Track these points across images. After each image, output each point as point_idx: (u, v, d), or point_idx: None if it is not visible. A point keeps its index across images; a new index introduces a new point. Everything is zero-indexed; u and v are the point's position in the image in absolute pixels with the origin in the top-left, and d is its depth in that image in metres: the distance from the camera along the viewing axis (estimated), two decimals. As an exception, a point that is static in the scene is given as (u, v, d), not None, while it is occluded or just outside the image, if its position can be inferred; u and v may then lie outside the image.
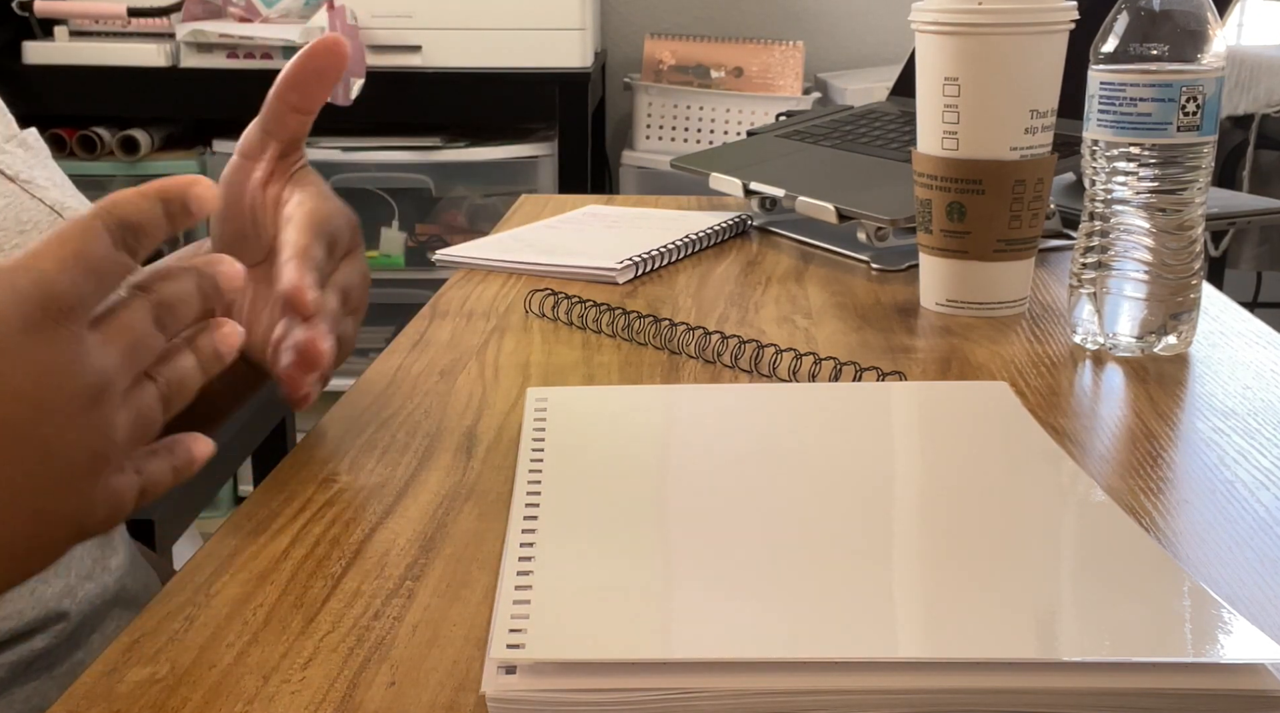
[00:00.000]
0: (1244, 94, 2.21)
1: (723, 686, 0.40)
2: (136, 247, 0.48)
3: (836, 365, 0.72)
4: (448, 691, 0.42)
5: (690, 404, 0.69)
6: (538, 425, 0.63)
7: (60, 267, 0.45)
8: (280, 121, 0.66)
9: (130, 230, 0.48)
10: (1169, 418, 0.67)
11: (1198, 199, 0.76)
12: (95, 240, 0.46)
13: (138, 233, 0.48)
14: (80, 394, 0.46)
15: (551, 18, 2.11)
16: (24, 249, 0.47)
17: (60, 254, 0.46)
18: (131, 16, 2.13)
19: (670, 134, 2.31)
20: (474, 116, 2.18)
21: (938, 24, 0.84)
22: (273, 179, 0.66)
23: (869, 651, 0.42)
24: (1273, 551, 0.52)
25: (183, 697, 0.42)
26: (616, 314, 0.82)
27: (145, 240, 0.48)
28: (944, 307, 0.87)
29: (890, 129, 1.19)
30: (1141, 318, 0.76)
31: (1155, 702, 0.40)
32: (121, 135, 2.15)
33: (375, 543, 0.53)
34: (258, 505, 0.57)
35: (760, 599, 0.46)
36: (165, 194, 0.49)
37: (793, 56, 2.30)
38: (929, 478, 0.60)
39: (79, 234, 0.46)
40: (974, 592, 0.47)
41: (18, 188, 0.66)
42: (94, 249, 0.46)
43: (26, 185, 0.67)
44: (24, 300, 0.45)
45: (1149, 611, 0.45)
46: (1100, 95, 0.76)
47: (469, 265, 1.01)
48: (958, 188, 0.84)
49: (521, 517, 0.52)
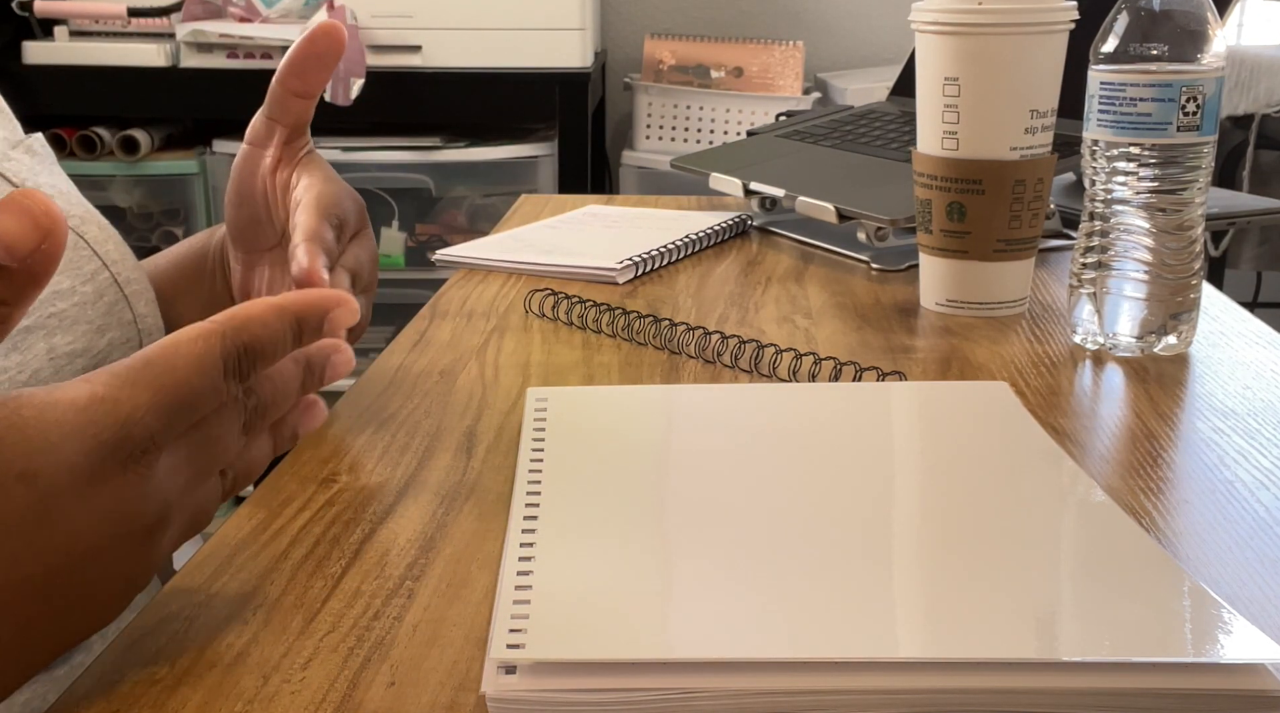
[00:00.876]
0: (1244, 94, 2.21)
1: (723, 686, 0.40)
2: (251, 370, 0.45)
3: (836, 365, 0.72)
4: (448, 691, 0.42)
5: (690, 404, 0.69)
6: (538, 425, 0.63)
7: (155, 404, 0.42)
8: (284, 107, 0.68)
9: (251, 354, 0.45)
10: (1169, 418, 0.67)
11: (1198, 199, 0.76)
12: (207, 372, 0.43)
13: (259, 357, 0.45)
14: (134, 535, 0.43)
15: (551, 18, 2.11)
16: (124, 364, 0.43)
17: (161, 385, 0.42)
18: (131, 16, 2.13)
19: (670, 134, 2.31)
20: (474, 116, 2.19)
21: (938, 24, 0.84)
22: (281, 165, 0.69)
23: (869, 651, 0.42)
24: (1273, 551, 0.52)
25: (183, 697, 0.42)
26: (616, 314, 0.82)
27: (263, 363, 0.46)
28: (944, 307, 0.87)
29: (890, 129, 1.19)
30: (1141, 318, 0.76)
31: (1155, 702, 0.40)
32: (121, 135, 2.15)
33: (375, 543, 0.53)
34: (258, 505, 0.57)
35: (760, 599, 0.46)
36: (303, 312, 0.47)
37: (793, 56, 2.30)
38: (929, 478, 0.60)
39: (192, 363, 0.43)
40: (974, 592, 0.47)
41: None
42: (200, 382, 0.43)
43: None
44: (100, 446, 0.41)
45: (1149, 611, 0.45)
46: (1100, 95, 0.76)
47: (469, 265, 1.01)
48: (958, 188, 0.84)
49: (521, 517, 0.52)
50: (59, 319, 0.63)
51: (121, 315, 0.67)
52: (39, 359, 0.61)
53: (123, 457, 0.42)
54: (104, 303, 0.66)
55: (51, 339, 0.62)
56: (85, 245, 0.67)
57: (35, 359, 0.61)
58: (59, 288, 0.64)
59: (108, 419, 0.41)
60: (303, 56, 0.67)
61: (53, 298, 0.63)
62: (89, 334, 0.64)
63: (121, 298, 0.68)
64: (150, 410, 0.42)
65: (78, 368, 0.63)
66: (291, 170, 0.69)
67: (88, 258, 0.66)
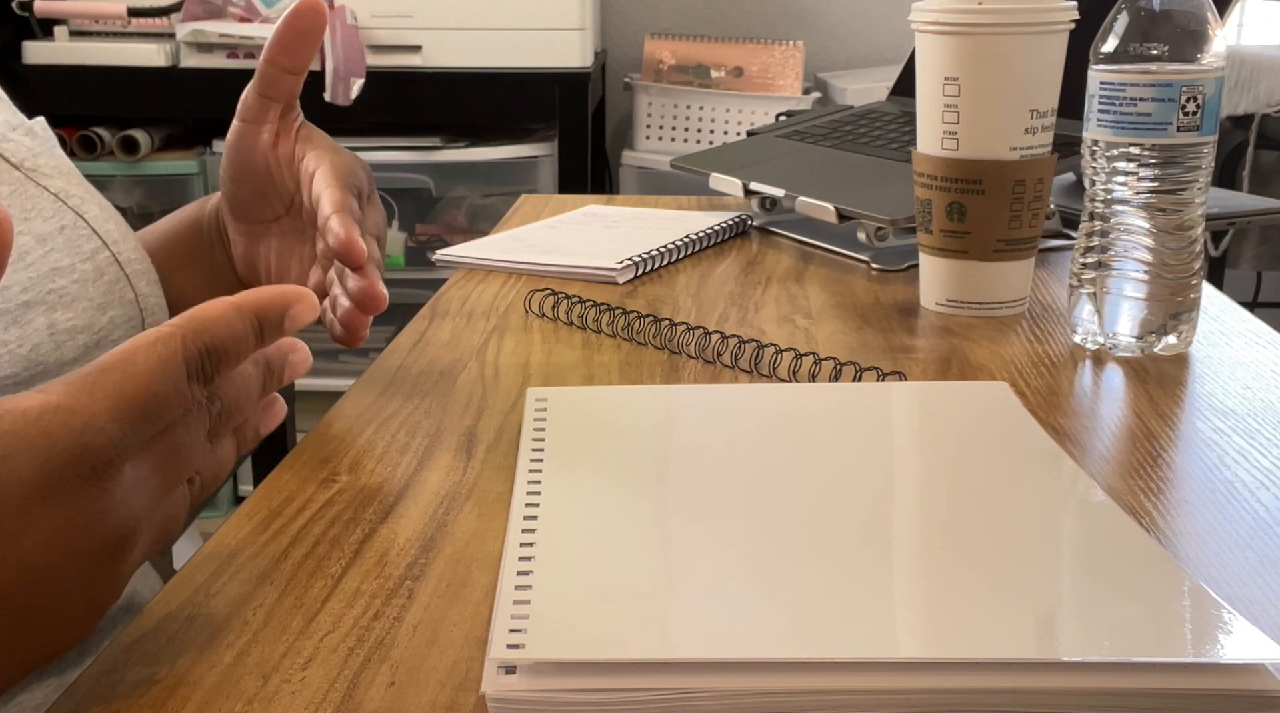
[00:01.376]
0: (1244, 94, 2.21)
1: (723, 686, 0.40)
2: (214, 373, 0.44)
3: (836, 365, 0.72)
4: (448, 691, 0.42)
5: (690, 404, 0.69)
6: (538, 425, 0.63)
7: (115, 411, 0.40)
8: (275, 84, 0.71)
9: (214, 356, 0.43)
10: (1169, 418, 0.67)
11: (1198, 199, 0.76)
12: (168, 377, 0.41)
13: (221, 359, 0.44)
14: (97, 552, 0.41)
15: (551, 18, 2.11)
16: (80, 372, 0.41)
17: (121, 391, 0.40)
18: (131, 16, 2.13)
19: (670, 134, 2.31)
20: (474, 116, 2.18)
21: (938, 24, 0.84)
22: (280, 139, 0.72)
23: (869, 651, 0.42)
24: (1273, 551, 0.52)
25: (183, 697, 0.42)
26: (616, 314, 0.82)
27: (225, 366, 0.44)
28: (944, 307, 0.87)
29: (890, 129, 1.19)
30: (1141, 318, 0.76)
31: (1155, 702, 0.40)
32: (121, 135, 2.15)
33: (375, 543, 0.53)
34: (258, 506, 0.57)
35: (760, 599, 0.46)
36: (263, 310, 0.45)
37: (793, 56, 2.30)
38: (929, 478, 0.60)
39: (153, 368, 0.41)
40: (974, 592, 0.47)
41: (22, 175, 0.66)
42: (162, 387, 0.41)
43: (32, 173, 0.67)
44: (55, 458, 0.39)
45: (1149, 611, 0.45)
46: (1100, 95, 0.76)
47: (469, 265, 1.01)
48: (958, 188, 0.84)
49: (521, 517, 0.52)
50: (58, 295, 0.63)
51: (123, 294, 0.67)
52: (39, 334, 0.61)
53: (83, 470, 0.39)
54: (104, 282, 0.66)
55: (52, 315, 0.62)
56: (85, 224, 0.67)
57: (35, 333, 0.61)
58: (58, 265, 0.64)
59: (62, 429, 0.39)
60: (288, 32, 0.69)
61: (51, 275, 0.63)
62: (90, 311, 0.64)
63: (123, 277, 0.68)
64: (110, 418, 0.40)
65: (79, 345, 0.63)
66: (293, 143, 0.72)
67: (87, 237, 0.67)
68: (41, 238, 0.64)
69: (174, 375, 0.42)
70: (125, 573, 0.43)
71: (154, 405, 0.41)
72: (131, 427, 0.41)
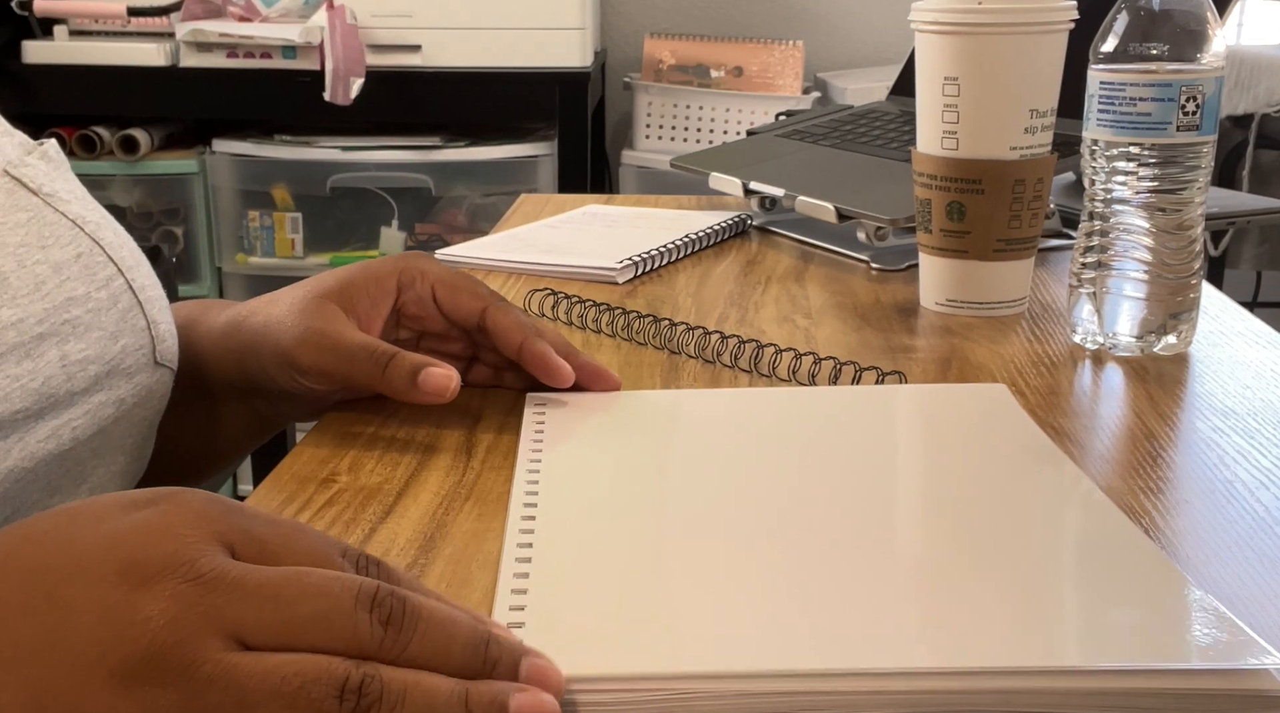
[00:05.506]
0: (1244, 94, 2.21)
1: (722, 686, 0.40)
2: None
3: (836, 365, 0.72)
4: (447, 691, 0.42)
5: (689, 409, 0.69)
6: (536, 431, 0.63)
7: None
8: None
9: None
10: (1169, 418, 0.67)
11: (1197, 199, 0.76)
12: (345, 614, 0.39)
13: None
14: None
15: (551, 17, 2.11)
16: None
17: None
18: (131, 16, 2.13)
19: (670, 134, 2.31)
20: (474, 116, 2.18)
21: (937, 24, 0.84)
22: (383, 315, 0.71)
23: (869, 661, 0.42)
24: (1273, 551, 0.52)
25: (182, 697, 0.42)
26: (616, 314, 0.82)
27: None
28: (944, 306, 0.87)
29: (890, 129, 1.19)
30: (1141, 318, 0.76)
31: (1155, 702, 0.40)
32: (121, 135, 2.15)
33: (375, 543, 0.53)
34: (258, 505, 0.57)
35: (758, 607, 0.46)
36: None
37: (793, 56, 2.30)
38: (928, 483, 0.60)
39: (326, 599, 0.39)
40: (975, 597, 0.47)
41: (40, 201, 0.65)
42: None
43: (49, 198, 0.65)
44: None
45: (1148, 615, 0.45)
46: (1100, 95, 0.76)
47: (469, 265, 1.01)
48: (957, 188, 0.84)
49: (518, 529, 0.52)
50: (72, 326, 0.62)
51: (135, 322, 0.66)
52: (51, 366, 0.60)
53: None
54: (118, 309, 0.65)
55: (64, 346, 0.61)
56: (100, 251, 0.66)
57: (48, 366, 0.60)
58: (73, 294, 0.63)
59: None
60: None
61: (67, 304, 0.62)
62: (102, 341, 0.64)
63: (136, 304, 0.67)
64: None
65: (90, 375, 0.62)
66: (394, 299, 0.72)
67: (103, 263, 0.65)
68: (58, 266, 0.63)
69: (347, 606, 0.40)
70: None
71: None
72: None
